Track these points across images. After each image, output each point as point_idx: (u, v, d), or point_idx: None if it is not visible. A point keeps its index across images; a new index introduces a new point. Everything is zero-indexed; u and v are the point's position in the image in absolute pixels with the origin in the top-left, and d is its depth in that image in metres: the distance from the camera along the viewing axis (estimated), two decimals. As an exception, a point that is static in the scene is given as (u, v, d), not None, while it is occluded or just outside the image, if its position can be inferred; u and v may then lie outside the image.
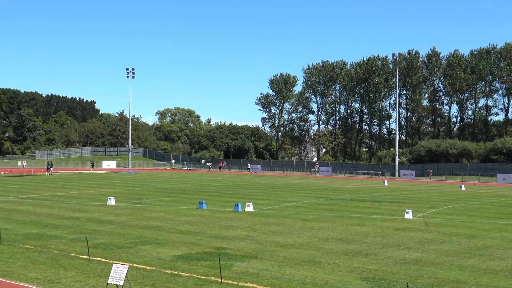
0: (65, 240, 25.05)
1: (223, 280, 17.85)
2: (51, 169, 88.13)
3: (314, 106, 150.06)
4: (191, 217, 34.30)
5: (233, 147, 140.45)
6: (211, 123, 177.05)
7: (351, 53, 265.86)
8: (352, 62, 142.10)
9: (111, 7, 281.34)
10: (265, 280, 18.11)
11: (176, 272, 19.03)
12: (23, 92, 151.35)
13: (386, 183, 74.07)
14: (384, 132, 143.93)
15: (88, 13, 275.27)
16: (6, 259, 20.90)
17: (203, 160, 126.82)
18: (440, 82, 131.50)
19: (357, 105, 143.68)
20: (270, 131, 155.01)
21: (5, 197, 46.01)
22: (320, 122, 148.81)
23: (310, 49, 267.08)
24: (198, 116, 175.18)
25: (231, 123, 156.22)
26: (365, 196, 52.63)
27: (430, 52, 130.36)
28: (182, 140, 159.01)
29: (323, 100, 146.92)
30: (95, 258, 21.12)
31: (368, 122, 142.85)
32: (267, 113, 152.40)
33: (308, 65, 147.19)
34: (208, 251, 23.07)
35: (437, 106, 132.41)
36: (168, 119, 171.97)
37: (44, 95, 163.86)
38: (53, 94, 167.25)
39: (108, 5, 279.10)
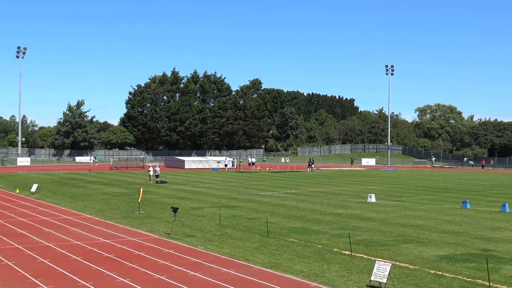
0: (327, 235, 25.54)
1: (491, 284, 16.89)
2: (313, 165, 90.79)
3: None
4: (454, 216, 33.07)
5: (498, 144, 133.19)
6: (474, 119, 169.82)
7: None
8: None
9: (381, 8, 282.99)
10: (539, 287, 16.78)
11: (440, 273, 18.42)
12: (285, 91, 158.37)
13: None
14: None
15: (346, 15, 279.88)
16: (273, 251, 21.84)
17: (465, 158, 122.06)
18: None
19: None
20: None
21: (271, 192, 48.34)
22: None
23: None
24: (459, 113, 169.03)
25: (496, 119, 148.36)
26: None
27: None
28: (443, 137, 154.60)
29: None
30: (357, 254, 21.21)
31: None
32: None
33: None
34: (474, 252, 22.03)
35: None
36: (428, 116, 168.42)
37: (305, 94, 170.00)
38: (314, 92, 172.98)
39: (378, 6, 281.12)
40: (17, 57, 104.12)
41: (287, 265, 19.49)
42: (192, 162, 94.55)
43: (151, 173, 58.81)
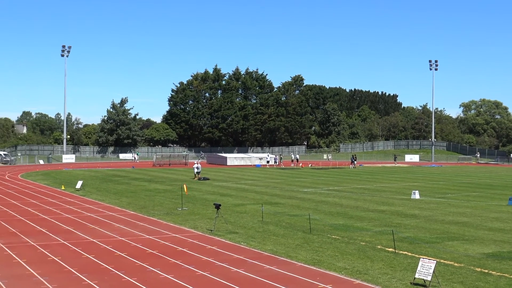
0: (371, 232, 25.33)
1: (539, 283, 16.52)
2: (355, 162, 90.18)
3: None
4: (501, 213, 32.46)
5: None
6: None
7: None
8: None
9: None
10: None
11: (486, 271, 18.08)
12: (328, 87, 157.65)
13: None
14: None
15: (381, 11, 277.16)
16: (316, 248, 21.74)
17: (511, 154, 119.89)
18: None
19: None
20: None
21: (313, 189, 48.16)
22: None
23: None
24: (505, 108, 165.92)
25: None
26: None
27: None
28: (488, 133, 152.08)
29: None
30: (401, 252, 20.98)
31: None
32: None
33: None
34: (521, 250, 21.60)
35: None
36: (472, 111, 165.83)
37: (347, 90, 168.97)
38: (356, 89, 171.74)
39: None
40: (62, 55, 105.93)
41: (330, 262, 19.38)
42: (234, 158, 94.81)
43: (196, 170, 58.97)
